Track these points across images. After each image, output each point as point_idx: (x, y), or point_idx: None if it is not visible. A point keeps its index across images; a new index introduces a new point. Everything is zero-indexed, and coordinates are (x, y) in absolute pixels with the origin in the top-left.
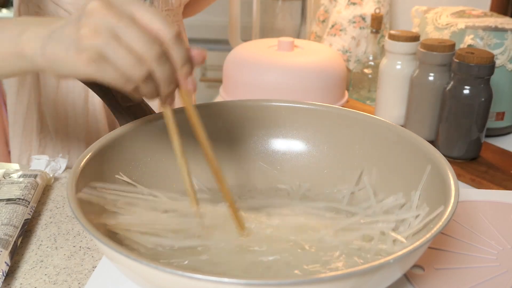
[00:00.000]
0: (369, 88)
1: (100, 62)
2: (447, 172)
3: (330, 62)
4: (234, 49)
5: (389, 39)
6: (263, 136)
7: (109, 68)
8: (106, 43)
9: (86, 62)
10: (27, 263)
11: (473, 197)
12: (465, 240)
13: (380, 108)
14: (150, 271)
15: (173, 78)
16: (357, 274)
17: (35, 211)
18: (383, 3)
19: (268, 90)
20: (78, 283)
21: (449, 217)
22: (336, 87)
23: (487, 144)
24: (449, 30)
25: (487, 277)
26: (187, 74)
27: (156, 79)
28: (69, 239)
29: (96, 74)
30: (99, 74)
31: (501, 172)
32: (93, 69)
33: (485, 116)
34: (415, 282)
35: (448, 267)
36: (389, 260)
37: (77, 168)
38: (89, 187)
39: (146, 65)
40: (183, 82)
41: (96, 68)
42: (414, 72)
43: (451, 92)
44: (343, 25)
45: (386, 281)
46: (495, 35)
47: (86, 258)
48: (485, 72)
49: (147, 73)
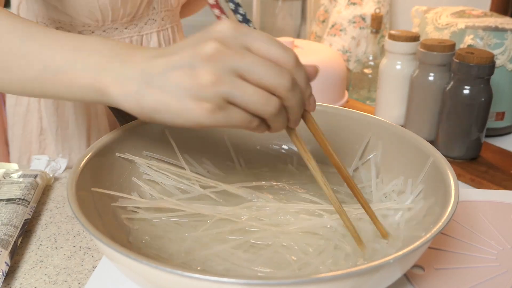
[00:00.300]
0: (369, 88)
1: (226, 109)
2: (447, 172)
3: (330, 62)
4: None
5: (389, 39)
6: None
7: (236, 112)
8: (232, 88)
9: (210, 112)
10: (27, 263)
11: (473, 197)
12: (465, 240)
13: (380, 108)
14: (150, 270)
15: (302, 102)
16: (357, 274)
17: (35, 211)
18: (383, 3)
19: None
20: (78, 283)
21: (449, 217)
22: (336, 87)
23: (487, 144)
24: (449, 30)
25: (487, 277)
26: (310, 95)
27: (289, 107)
28: (69, 239)
29: (221, 122)
30: (224, 121)
31: (501, 172)
32: (218, 117)
33: (485, 116)
34: (415, 282)
35: (448, 267)
36: (389, 260)
37: (77, 168)
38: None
39: (277, 97)
40: (307, 103)
41: (222, 116)
42: (414, 72)
43: (451, 92)
44: (343, 25)
45: (386, 281)
46: (495, 35)
47: (86, 258)
48: (485, 72)
49: (280, 105)
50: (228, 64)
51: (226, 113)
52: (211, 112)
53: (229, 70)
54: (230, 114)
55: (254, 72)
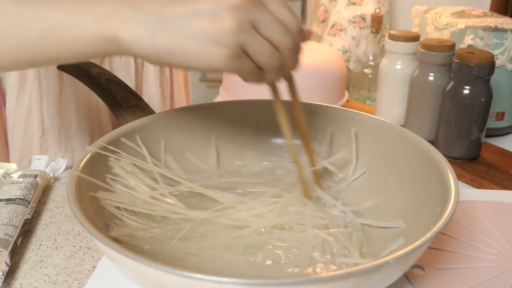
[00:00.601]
0: (369, 88)
1: (240, 57)
2: (447, 172)
3: (330, 62)
4: None
5: (389, 39)
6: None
7: (247, 61)
8: (249, 37)
9: (227, 57)
10: (27, 263)
11: (473, 197)
12: (465, 240)
13: (380, 108)
14: (150, 270)
15: (296, 63)
16: (356, 274)
17: (35, 211)
18: (383, 3)
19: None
20: (78, 283)
21: (449, 217)
22: (336, 87)
23: (487, 144)
24: (449, 30)
25: (487, 277)
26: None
27: (287, 65)
28: (69, 239)
29: (235, 68)
30: (237, 67)
31: (501, 172)
32: (233, 64)
33: (485, 116)
34: (415, 282)
35: (448, 267)
36: (389, 260)
37: (77, 168)
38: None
39: (281, 54)
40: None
41: (236, 63)
42: (414, 72)
43: (451, 92)
44: (343, 25)
45: (386, 281)
46: (495, 35)
47: (86, 258)
48: (485, 72)
49: (282, 61)
50: (251, 15)
51: (239, 60)
52: (227, 58)
53: (250, 21)
54: (242, 62)
55: (268, 27)
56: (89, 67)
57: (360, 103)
